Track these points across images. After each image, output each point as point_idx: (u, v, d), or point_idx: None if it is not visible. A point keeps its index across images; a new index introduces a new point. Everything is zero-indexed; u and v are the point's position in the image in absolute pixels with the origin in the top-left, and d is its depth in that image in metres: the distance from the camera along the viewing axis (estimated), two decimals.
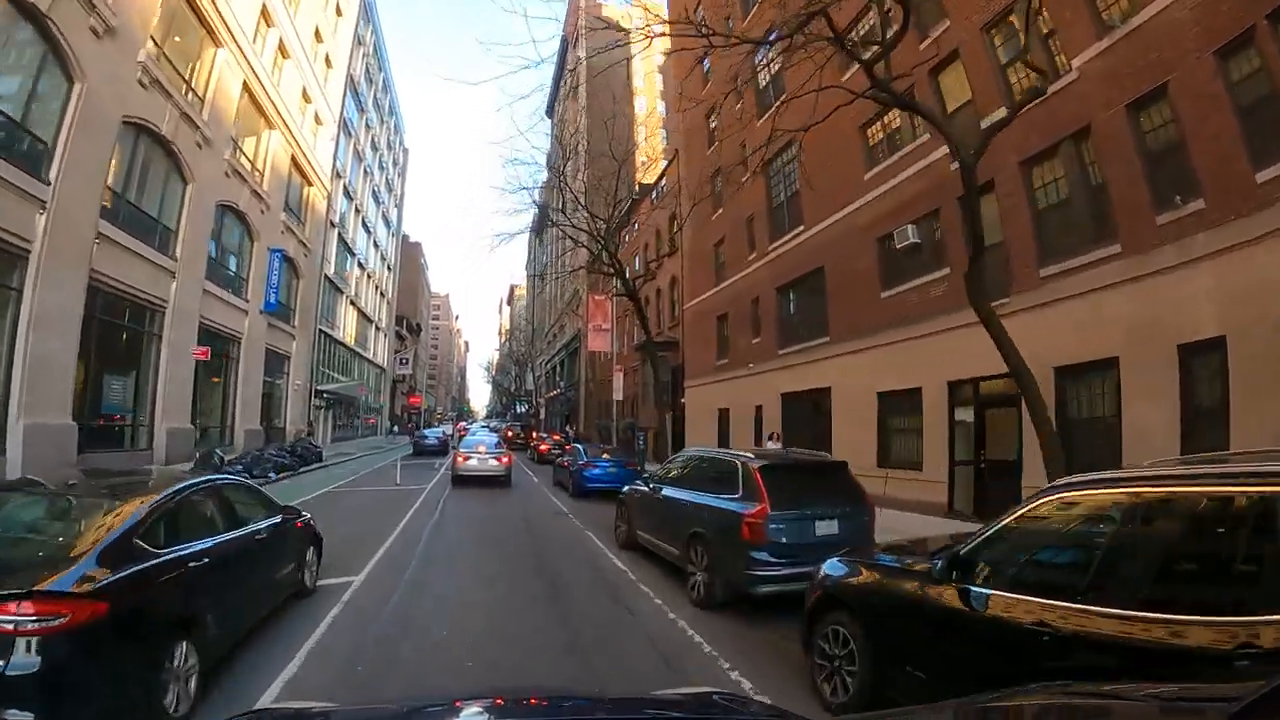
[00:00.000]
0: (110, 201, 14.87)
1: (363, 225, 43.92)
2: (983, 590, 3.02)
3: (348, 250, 40.13)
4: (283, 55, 25.04)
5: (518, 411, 67.85)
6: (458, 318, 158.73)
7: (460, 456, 16.52)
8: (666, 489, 7.74)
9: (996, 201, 11.66)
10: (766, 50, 20.32)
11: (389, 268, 55.43)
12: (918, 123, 14.05)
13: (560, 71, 49.61)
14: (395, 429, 58.98)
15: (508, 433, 39.29)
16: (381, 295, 52.37)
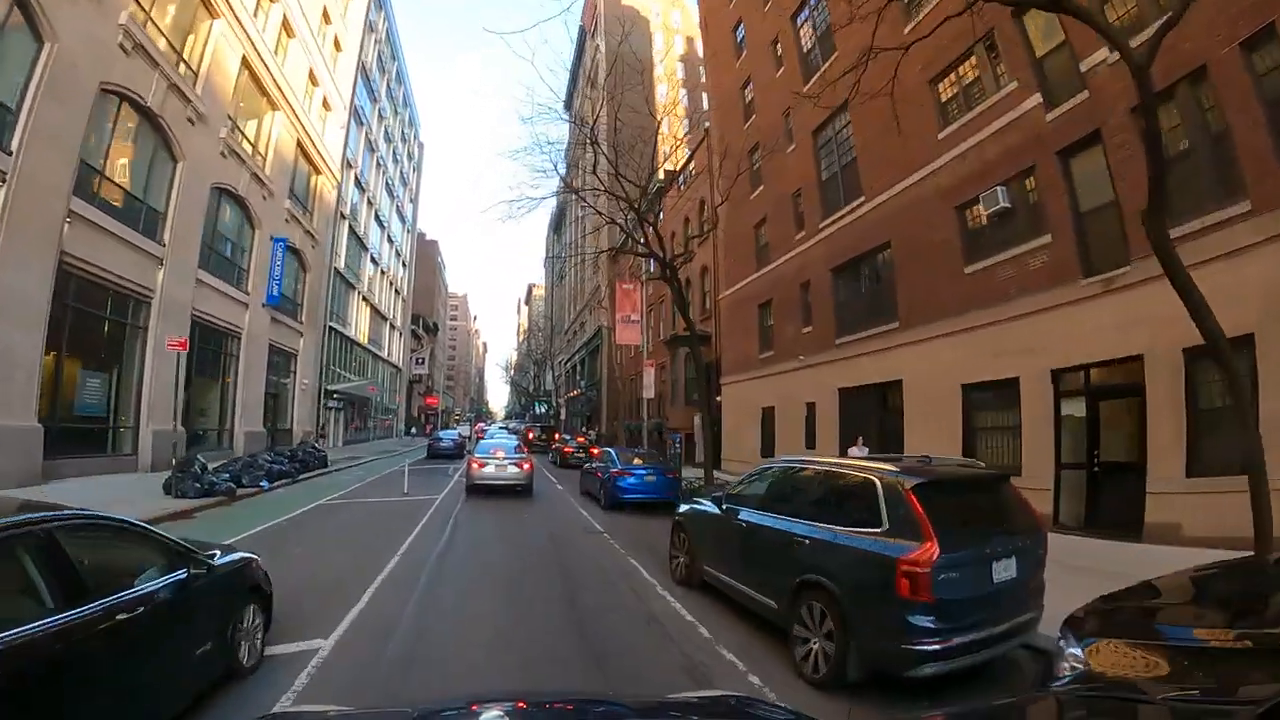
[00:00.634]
0: (86, 177, 13.27)
1: (376, 219, 42.45)
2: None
3: (360, 244, 38.67)
4: (287, 33, 23.58)
5: (537, 412, 66.10)
6: (476, 318, 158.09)
7: (475, 463, 14.49)
8: (748, 513, 5.72)
9: (1105, 155, 10.01)
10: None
11: (404, 264, 53.99)
12: (1001, 70, 12.30)
13: (577, 63, 48.15)
14: (412, 430, 57.43)
15: (529, 434, 37.03)
16: (396, 292, 50.90)
